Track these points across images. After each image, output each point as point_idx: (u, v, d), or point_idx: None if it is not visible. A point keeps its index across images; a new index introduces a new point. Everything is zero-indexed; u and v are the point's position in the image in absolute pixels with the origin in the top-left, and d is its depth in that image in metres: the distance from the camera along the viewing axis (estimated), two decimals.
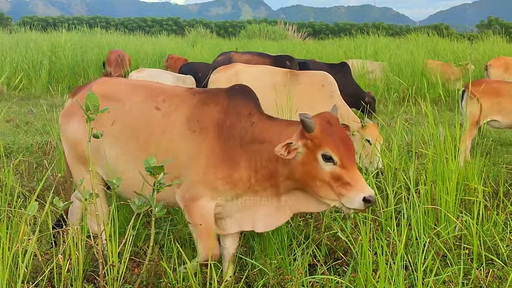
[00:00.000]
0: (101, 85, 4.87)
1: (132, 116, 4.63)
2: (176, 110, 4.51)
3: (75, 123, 4.80)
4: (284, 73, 7.77)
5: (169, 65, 18.86)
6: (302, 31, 47.51)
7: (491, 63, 14.38)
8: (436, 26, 50.62)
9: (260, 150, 4.27)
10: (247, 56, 13.09)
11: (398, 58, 20.16)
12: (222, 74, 7.91)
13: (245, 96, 4.56)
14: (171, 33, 45.16)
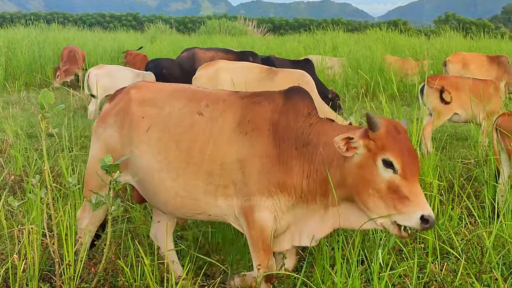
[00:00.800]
0: (139, 89, 4.59)
1: (172, 121, 4.32)
2: (222, 115, 4.20)
3: (112, 130, 4.53)
4: (262, 70, 7.75)
5: (127, 61, 18.70)
6: (262, 26, 47.51)
7: (449, 59, 14.58)
8: (395, 22, 51.09)
9: (315, 153, 3.99)
10: (211, 53, 13.10)
11: (357, 53, 20.32)
12: (203, 72, 7.92)
13: (303, 96, 4.24)
14: (130, 28, 44.80)
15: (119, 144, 4.43)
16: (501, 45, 22.95)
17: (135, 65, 17.54)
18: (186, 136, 4.23)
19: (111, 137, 4.52)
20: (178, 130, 4.26)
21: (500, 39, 27.26)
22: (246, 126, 4.11)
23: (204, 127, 4.21)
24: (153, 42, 28.22)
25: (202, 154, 4.15)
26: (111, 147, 4.48)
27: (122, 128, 4.45)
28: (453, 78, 9.80)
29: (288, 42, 27.21)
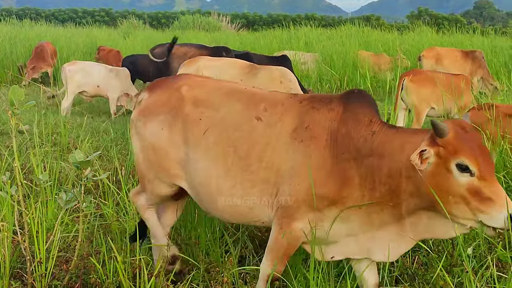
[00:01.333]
0: (191, 87, 4.36)
1: (229, 125, 4.12)
2: (281, 120, 4.00)
3: (158, 128, 4.33)
4: (244, 66, 7.70)
5: (100, 57, 18.62)
6: (235, 22, 47.51)
7: (424, 54, 14.72)
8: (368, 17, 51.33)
9: (379, 164, 3.74)
10: (185, 48, 13.06)
11: (330, 49, 20.38)
12: (185, 69, 7.82)
13: (364, 102, 3.98)
14: (103, 24, 44.58)
15: (169, 144, 4.26)
16: (472, 40, 23.15)
17: (108, 61, 17.48)
18: (244, 142, 4.04)
19: (158, 135, 4.32)
20: (236, 134, 4.08)
21: (472, 34, 27.49)
22: (303, 133, 3.92)
23: (262, 133, 4.02)
24: (126, 38, 28.06)
25: (260, 161, 3.98)
26: (158, 146, 4.32)
27: (173, 128, 4.26)
28: (429, 72, 9.92)
29: (262, 37, 27.20)
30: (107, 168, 6.93)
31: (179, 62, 12.80)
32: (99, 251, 4.74)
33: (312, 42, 22.70)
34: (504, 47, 19.45)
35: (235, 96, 4.27)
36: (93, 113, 12.71)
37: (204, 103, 4.25)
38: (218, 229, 4.97)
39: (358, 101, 3.97)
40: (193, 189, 4.30)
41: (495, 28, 44.11)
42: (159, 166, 4.36)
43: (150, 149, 4.35)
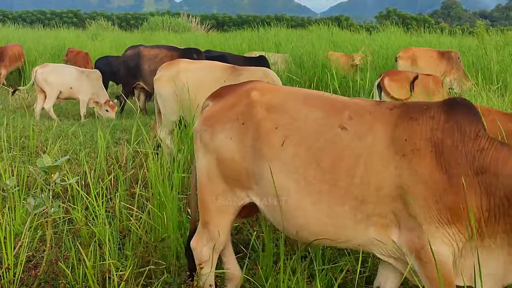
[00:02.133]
0: (262, 92, 3.96)
1: (309, 134, 3.71)
2: (372, 130, 3.60)
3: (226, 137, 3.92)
4: (226, 68, 7.67)
5: (69, 59, 18.52)
6: (205, 23, 47.59)
7: (400, 54, 14.83)
8: (337, 18, 51.67)
9: (495, 184, 3.37)
10: (156, 50, 13.13)
11: (300, 50, 20.42)
12: (164, 72, 7.74)
13: (468, 112, 3.60)
14: (71, 26, 44.29)
15: (239, 155, 3.86)
16: (440, 40, 23.37)
17: (77, 63, 17.42)
18: (327, 153, 3.64)
19: (226, 145, 3.92)
20: (317, 145, 3.67)
21: (440, 34, 27.75)
22: (404, 147, 3.51)
23: (349, 143, 3.61)
24: (94, 40, 27.91)
25: (351, 176, 3.56)
26: (227, 157, 3.91)
27: (244, 137, 3.86)
28: (406, 73, 10.05)
29: (232, 38, 27.20)
30: (75, 172, 6.87)
31: (149, 64, 12.81)
32: (68, 256, 4.70)
33: (281, 42, 22.73)
34: (471, 47, 19.62)
35: (313, 102, 3.87)
36: (61, 115, 12.61)
37: (279, 109, 3.85)
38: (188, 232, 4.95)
39: (462, 111, 3.60)
40: (266, 205, 3.88)
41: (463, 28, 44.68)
42: (230, 179, 3.95)
43: (220, 161, 3.94)
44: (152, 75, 12.80)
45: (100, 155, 6.32)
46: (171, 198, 4.83)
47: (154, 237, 4.89)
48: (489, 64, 15.37)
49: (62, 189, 5.90)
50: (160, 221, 4.89)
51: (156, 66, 12.68)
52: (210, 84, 7.33)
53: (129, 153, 6.73)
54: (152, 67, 12.79)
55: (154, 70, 12.75)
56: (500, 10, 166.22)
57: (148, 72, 12.84)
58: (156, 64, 12.72)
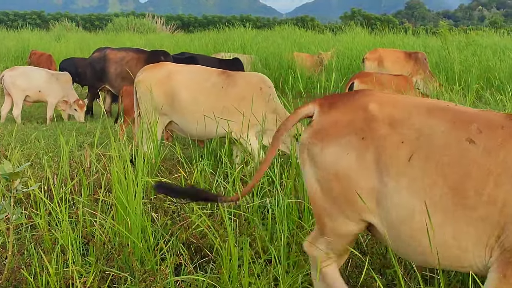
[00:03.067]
0: (381, 104, 3.68)
1: (435, 149, 3.45)
2: (504, 146, 3.32)
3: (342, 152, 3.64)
4: (219, 73, 7.55)
5: (32, 61, 18.35)
6: (170, 24, 47.54)
7: (367, 56, 14.97)
8: (302, 18, 51.95)
9: None
10: (122, 53, 13.04)
11: (265, 51, 20.51)
12: (151, 74, 7.46)
13: None
14: (35, 27, 43.85)
15: (357, 172, 3.59)
16: (404, 40, 23.61)
17: (40, 65, 17.23)
18: (454, 170, 3.38)
19: (342, 161, 3.63)
20: (444, 160, 3.42)
21: (404, 34, 28.03)
22: None
23: (477, 159, 3.35)
24: (58, 41, 27.64)
25: (479, 195, 3.29)
26: (343, 174, 3.63)
27: (363, 153, 3.59)
28: (375, 74, 10.14)
29: (197, 39, 27.20)
30: (38, 177, 6.78)
31: (115, 67, 12.74)
32: (30, 263, 4.63)
33: (247, 43, 22.76)
34: (435, 47, 19.88)
35: (437, 114, 3.58)
36: (24, 119, 12.45)
37: (403, 123, 3.58)
38: (152, 237, 4.92)
39: None
40: (387, 226, 3.60)
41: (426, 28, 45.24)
42: (345, 198, 3.66)
43: (333, 178, 3.66)
44: (118, 78, 12.75)
45: (63, 159, 6.24)
46: (135, 202, 4.80)
47: (118, 242, 4.85)
48: (452, 64, 15.57)
49: (25, 195, 5.82)
50: (123, 224, 4.85)
51: (122, 69, 12.62)
52: (207, 88, 7.28)
53: (93, 156, 6.65)
54: (118, 70, 12.72)
55: (120, 73, 12.69)
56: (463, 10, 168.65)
57: (114, 75, 12.78)
58: (122, 67, 12.66)
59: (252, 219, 5.39)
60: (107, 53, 13.02)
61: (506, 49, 18.43)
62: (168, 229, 5.26)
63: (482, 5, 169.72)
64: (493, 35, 26.22)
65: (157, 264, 4.65)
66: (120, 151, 5.39)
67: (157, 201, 5.78)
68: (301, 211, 5.43)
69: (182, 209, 5.62)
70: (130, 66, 12.61)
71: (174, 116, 7.39)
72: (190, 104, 7.21)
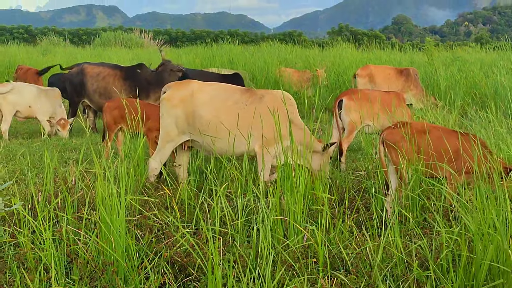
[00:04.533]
0: None
1: None
2: None
3: None
4: (243, 91, 7.51)
5: (18, 76, 18.18)
6: (158, 38, 47.52)
7: (358, 72, 14.92)
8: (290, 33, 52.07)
9: None
10: (99, 68, 12.98)
11: (253, 66, 20.52)
12: (176, 92, 7.41)
13: None
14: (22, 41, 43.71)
15: None
16: (391, 56, 23.69)
17: (27, 80, 17.09)
18: None
19: None
20: None
21: (391, 50, 28.14)
22: None
23: None
24: (45, 55, 27.56)
25: None
26: None
27: None
28: (365, 91, 10.12)
29: (185, 54, 27.18)
30: (23, 194, 6.72)
31: (92, 82, 12.72)
32: (13, 282, 4.59)
33: (234, 58, 22.76)
34: (421, 63, 19.94)
35: None
36: (10, 135, 12.37)
37: None
38: (137, 255, 4.89)
39: None
40: None
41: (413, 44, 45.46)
42: None
43: None
44: (95, 93, 12.73)
45: (47, 176, 6.20)
46: (119, 221, 4.77)
47: (102, 261, 4.82)
48: (438, 80, 15.63)
49: (8, 213, 5.77)
50: (108, 243, 4.82)
51: (99, 83, 12.63)
52: (230, 106, 7.25)
53: (77, 173, 6.61)
54: (95, 85, 12.71)
55: (97, 88, 12.68)
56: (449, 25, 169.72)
57: (91, 90, 12.75)
58: (99, 82, 12.66)
59: (237, 237, 5.38)
60: (84, 68, 12.98)
61: (492, 65, 18.51)
62: (152, 247, 5.23)
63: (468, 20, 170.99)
64: (480, 51, 26.37)
65: (141, 283, 4.63)
66: (103, 168, 5.36)
67: (142, 218, 5.74)
68: (286, 228, 5.43)
69: (167, 227, 5.60)
70: (107, 81, 12.61)
71: (196, 134, 7.36)
72: (212, 122, 7.18)
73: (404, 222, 5.95)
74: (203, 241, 5.17)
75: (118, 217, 4.77)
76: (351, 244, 5.36)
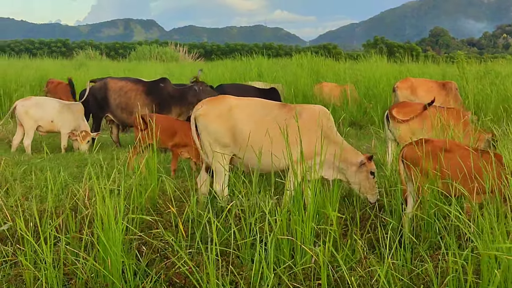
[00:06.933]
0: None
1: None
2: None
3: None
4: (281, 106, 7.43)
5: (49, 90, 18.29)
6: (193, 52, 47.75)
7: (398, 85, 14.56)
8: (325, 46, 52.01)
9: None
10: (122, 82, 12.97)
11: (281, 79, 20.40)
12: (212, 108, 7.29)
13: None
14: (59, 55, 44.34)
15: None
16: (423, 69, 23.38)
17: (57, 94, 17.21)
18: None
19: None
20: None
21: (425, 62, 27.84)
22: None
23: None
24: (78, 69, 27.77)
25: None
26: None
27: None
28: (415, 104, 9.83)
29: (215, 67, 27.22)
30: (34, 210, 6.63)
31: (114, 97, 12.71)
32: None
33: (264, 72, 22.66)
34: (453, 76, 19.60)
35: None
36: (33, 149, 12.38)
37: None
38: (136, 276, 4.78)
39: None
40: None
41: (449, 56, 45.00)
42: None
43: None
44: (118, 108, 12.70)
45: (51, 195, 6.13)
46: (115, 241, 4.66)
47: (99, 282, 4.72)
48: (467, 95, 15.33)
49: (11, 231, 5.70)
50: (103, 263, 4.71)
51: (121, 99, 12.60)
52: (269, 122, 7.13)
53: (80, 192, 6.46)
54: (117, 100, 12.67)
55: (120, 103, 12.65)
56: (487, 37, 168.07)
57: (114, 105, 12.72)
58: (121, 97, 12.63)
59: (243, 257, 5.24)
60: (107, 82, 12.96)
61: None
62: (153, 267, 5.10)
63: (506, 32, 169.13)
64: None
65: None
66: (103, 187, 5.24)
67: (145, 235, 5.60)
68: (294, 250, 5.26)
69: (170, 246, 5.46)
70: (129, 96, 12.57)
71: (237, 150, 7.26)
72: (253, 138, 7.07)
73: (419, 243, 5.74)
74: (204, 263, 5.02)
75: (113, 237, 4.66)
76: (361, 264, 5.19)
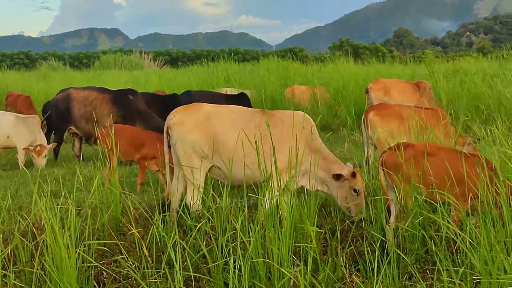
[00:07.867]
0: None
1: None
2: None
3: None
4: (261, 113, 6.94)
5: (9, 104, 17.72)
6: (159, 59, 47.48)
7: (371, 86, 14.20)
8: (291, 49, 51.87)
9: None
10: (86, 92, 12.40)
11: (249, 84, 20.12)
12: (188, 116, 6.74)
13: None
14: (22, 67, 43.61)
15: None
16: (390, 69, 23.16)
17: (17, 107, 16.68)
18: None
19: None
20: None
21: (392, 62, 27.70)
22: None
23: None
24: (40, 81, 27.11)
25: None
26: None
27: None
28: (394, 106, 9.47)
29: (182, 74, 26.82)
30: None
31: (79, 107, 12.11)
32: None
33: (231, 77, 22.30)
34: (422, 76, 19.37)
35: None
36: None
37: None
38: None
39: None
40: None
41: (415, 56, 45.14)
42: None
43: None
44: (83, 119, 12.09)
45: None
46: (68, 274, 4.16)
47: None
48: (439, 94, 15.10)
49: None
50: None
51: (86, 109, 11.99)
52: (250, 129, 6.63)
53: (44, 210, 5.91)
54: (82, 110, 12.07)
55: (84, 113, 12.03)
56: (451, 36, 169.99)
57: (79, 116, 12.12)
58: (86, 107, 12.01)
59: (214, 282, 4.77)
60: (70, 93, 12.37)
61: (494, 75, 17.91)
62: None
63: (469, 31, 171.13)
64: (482, 61, 25.77)
65: None
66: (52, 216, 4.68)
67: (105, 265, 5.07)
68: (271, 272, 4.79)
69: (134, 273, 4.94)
70: (94, 106, 11.97)
71: (217, 160, 6.78)
72: (237, 146, 6.60)
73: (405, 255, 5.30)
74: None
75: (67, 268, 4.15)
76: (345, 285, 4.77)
